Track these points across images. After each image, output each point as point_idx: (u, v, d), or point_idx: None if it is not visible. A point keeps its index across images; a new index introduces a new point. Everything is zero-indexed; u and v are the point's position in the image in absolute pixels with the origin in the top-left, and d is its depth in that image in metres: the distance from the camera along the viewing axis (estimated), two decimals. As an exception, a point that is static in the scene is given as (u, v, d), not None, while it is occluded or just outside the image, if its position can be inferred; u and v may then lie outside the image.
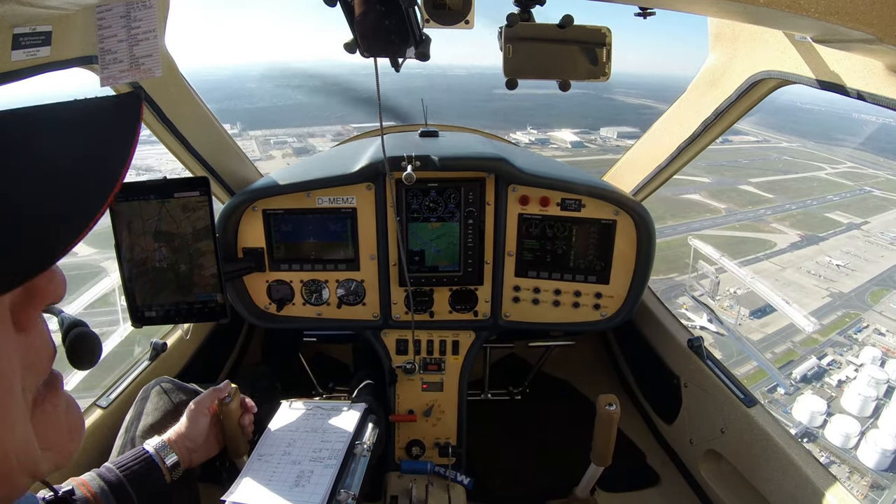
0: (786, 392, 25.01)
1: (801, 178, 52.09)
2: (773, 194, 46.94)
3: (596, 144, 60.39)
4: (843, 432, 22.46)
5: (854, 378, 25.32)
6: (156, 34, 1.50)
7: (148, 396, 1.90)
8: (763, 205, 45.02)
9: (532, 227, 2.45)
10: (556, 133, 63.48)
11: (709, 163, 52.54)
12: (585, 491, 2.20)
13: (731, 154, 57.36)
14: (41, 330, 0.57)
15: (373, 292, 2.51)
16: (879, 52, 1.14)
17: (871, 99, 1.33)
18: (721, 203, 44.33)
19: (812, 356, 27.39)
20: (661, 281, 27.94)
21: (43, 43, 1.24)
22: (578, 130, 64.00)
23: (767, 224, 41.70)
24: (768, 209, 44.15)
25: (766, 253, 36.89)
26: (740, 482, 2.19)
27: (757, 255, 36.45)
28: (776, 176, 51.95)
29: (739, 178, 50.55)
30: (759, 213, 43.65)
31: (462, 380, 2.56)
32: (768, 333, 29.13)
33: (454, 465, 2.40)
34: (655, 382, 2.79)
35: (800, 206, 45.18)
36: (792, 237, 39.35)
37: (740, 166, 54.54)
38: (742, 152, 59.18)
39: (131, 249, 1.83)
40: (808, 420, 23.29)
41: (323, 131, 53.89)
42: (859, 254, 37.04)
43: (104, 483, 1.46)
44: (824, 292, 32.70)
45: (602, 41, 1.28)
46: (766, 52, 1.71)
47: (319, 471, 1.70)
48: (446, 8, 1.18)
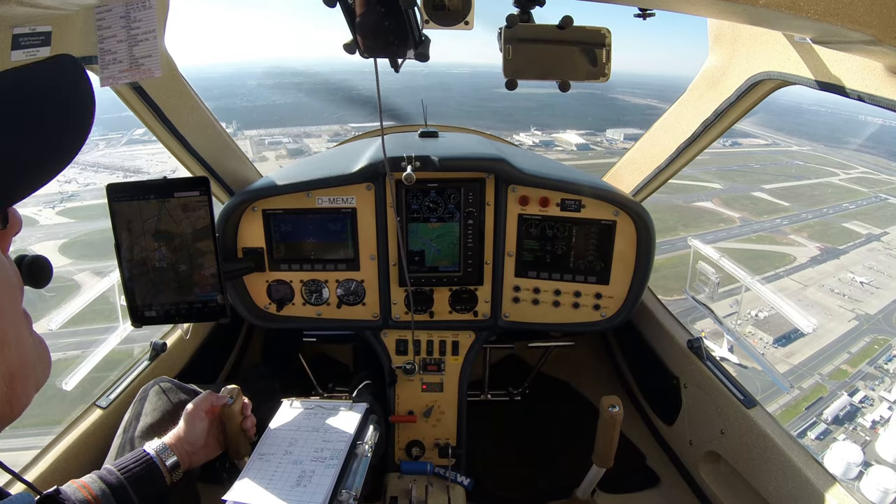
0: (786, 391, 24.15)
1: (814, 184, 51.00)
2: (787, 202, 45.65)
3: (602, 147, 58.88)
4: (881, 487, 19.02)
5: (889, 419, 23.43)
6: (155, 35, 1.50)
7: (147, 397, 1.89)
8: (778, 214, 43.65)
9: (532, 227, 2.45)
10: (560, 135, 62.14)
11: (720, 168, 51.56)
12: (586, 492, 2.19)
13: (742, 158, 56.44)
14: (8, 256, 0.72)
15: (373, 292, 2.51)
16: (878, 54, 1.14)
17: (870, 100, 1.33)
18: (735, 212, 42.94)
19: (843, 392, 25.50)
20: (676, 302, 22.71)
21: (42, 43, 1.24)
22: (583, 132, 62.72)
23: (785, 235, 40.05)
24: (784, 219, 42.74)
25: (786, 269, 35.17)
26: (740, 483, 2.19)
27: (777, 270, 34.71)
28: (789, 182, 51.04)
29: (752, 184, 49.51)
30: (775, 222, 42.21)
31: (462, 380, 2.56)
32: (794, 364, 26.87)
33: (454, 466, 2.40)
34: (655, 383, 2.79)
35: (816, 216, 43.83)
36: (811, 250, 37.76)
37: (752, 171, 53.65)
38: (753, 156, 58.19)
39: (131, 249, 1.83)
40: (843, 472, 20.33)
41: (320, 131, 52.94)
42: (882, 269, 35.36)
43: (105, 485, 1.46)
44: (850, 314, 30.87)
45: (602, 42, 1.28)
46: (766, 53, 1.71)
47: (321, 471, 1.70)
48: (446, 9, 1.18)
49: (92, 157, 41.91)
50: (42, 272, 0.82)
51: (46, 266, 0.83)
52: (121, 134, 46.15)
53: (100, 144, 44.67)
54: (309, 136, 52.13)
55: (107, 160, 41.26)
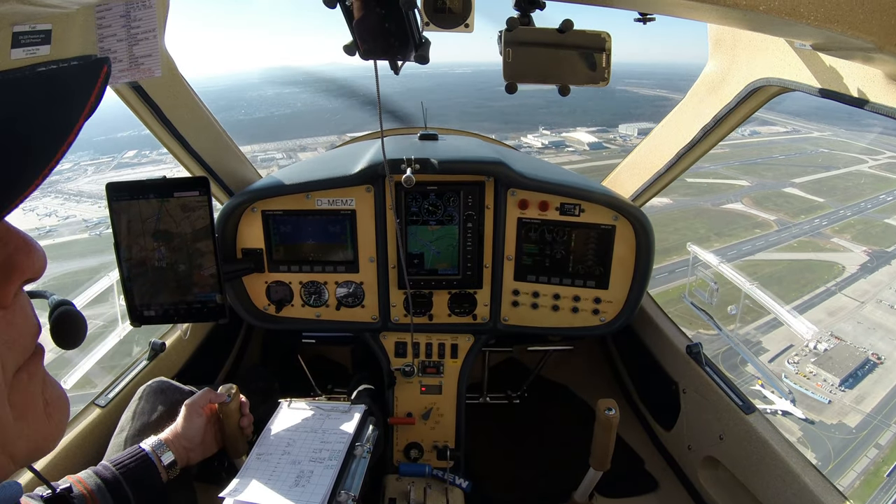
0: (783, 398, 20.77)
1: (844, 174, 48.11)
2: (822, 197, 42.21)
3: (616, 144, 55.18)
4: None
5: None
6: (155, 34, 1.50)
7: (144, 396, 1.89)
8: (815, 213, 39.97)
9: (531, 231, 2.44)
10: (571, 134, 59.24)
11: (742, 161, 48.82)
12: (584, 496, 2.19)
13: (765, 149, 53.75)
14: (23, 307, 0.56)
15: (372, 294, 2.51)
16: (879, 61, 1.14)
17: (870, 108, 1.32)
18: (769, 213, 39.46)
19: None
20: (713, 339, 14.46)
21: (42, 41, 1.24)
22: (595, 129, 59.85)
23: (827, 239, 36.20)
24: (823, 218, 39.07)
25: (836, 282, 30.72)
26: (738, 489, 2.18)
27: (827, 285, 30.43)
28: (819, 174, 47.77)
29: (780, 178, 46.70)
30: (813, 224, 38.46)
31: (461, 383, 2.55)
32: (867, 412, 22.44)
33: (452, 469, 2.39)
34: (654, 388, 2.78)
35: (855, 212, 40.09)
36: (858, 255, 33.52)
37: (777, 163, 50.85)
38: (775, 146, 55.33)
39: (130, 249, 1.83)
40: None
41: (316, 143, 50.86)
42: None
43: (100, 480, 1.46)
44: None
45: (602, 46, 1.28)
46: (766, 59, 1.71)
47: (319, 471, 1.70)
48: (446, 11, 1.18)
49: (77, 184, 40.74)
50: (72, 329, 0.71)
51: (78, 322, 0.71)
52: (111, 157, 45.09)
53: (88, 170, 43.58)
54: (304, 149, 50.06)
55: (92, 188, 39.75)
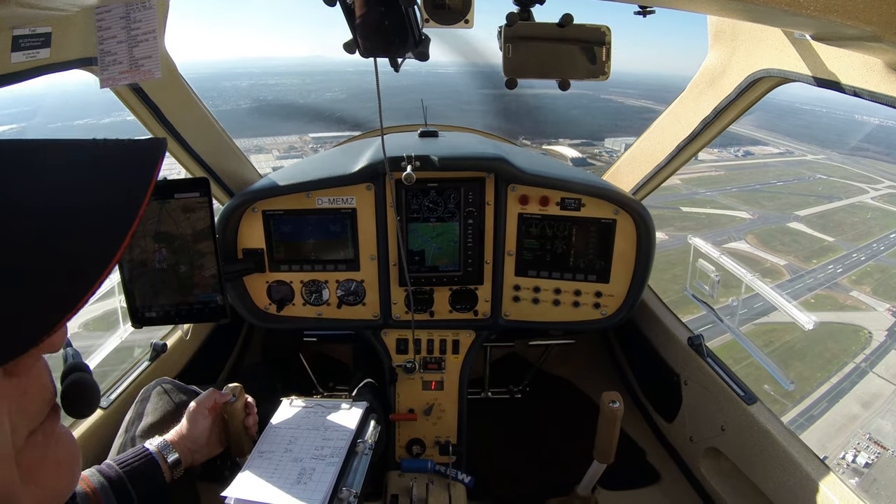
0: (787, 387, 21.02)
1: (848, 205, 45.09)
2: (830, 235, 39.04)
3: (601, 160, 51.94)
4: None
5: None
6: (155, 35, 1.50)
7: (148, 397, 1.89)
8: (827, 255, 36.46)
9: (532, 226, 2.45)
10: (554, 147, 55.73)
11: (741, 188, 47.02)
12: (587, 489, 2.20)
13: (761, 174, 52.02)
14: (38, 375, 0.55)
15: (373, 292, 2.51)
16: (878, 50, 1.14)
17: (869, 96, 1.33)
18: (778, 257, 35.61)
19: None
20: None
21: (42, 44, 1.24)
22: (579, 142, 57.65)
23: (846, 293, 32.42)
24: (836, 264, 35.47)
25: (865, 356, 27.04)
26: (741, 480, 2.19)
27: (856, 360, 26.76)
28: (822, 206, 44.83)
29: (783, 209, 43.71)
30: (827, 271, 34.77)
31: (462, 379, 2.56)
32: None
33: (455, 464, 2.40)
34: (656, 380, 2.79)
35: (868, 256, 36.82)
36: (883, 316, 29.74)
37: (777, 191, 48.64)
38: (770, 170, 53.65)
39: (131, 250, 1.83)
40: None
41: (274, 143, 46.54)
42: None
43: (104, 479, 1.46)
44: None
45: (602, 40, 1.28)
46: (766, 50, 1.71)
47: (321, 468, 1.70)
48: (446, 7, 1.18)
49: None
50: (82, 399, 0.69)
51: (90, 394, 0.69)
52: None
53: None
54: (260, 150, 45.23)
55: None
